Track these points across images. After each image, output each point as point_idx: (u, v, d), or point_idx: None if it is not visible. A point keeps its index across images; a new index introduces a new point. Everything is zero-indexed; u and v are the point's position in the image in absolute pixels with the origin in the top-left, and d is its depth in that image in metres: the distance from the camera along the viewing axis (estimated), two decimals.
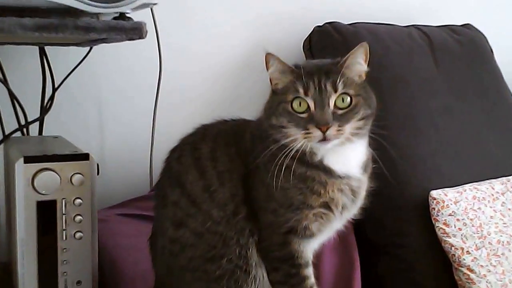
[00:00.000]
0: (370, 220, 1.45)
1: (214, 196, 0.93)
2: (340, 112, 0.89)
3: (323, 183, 0.92)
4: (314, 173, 0.92)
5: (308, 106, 0.89)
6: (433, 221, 1.40)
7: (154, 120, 1.55)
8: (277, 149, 0.90)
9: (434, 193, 1.42)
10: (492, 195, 1.49)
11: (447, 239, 1.38)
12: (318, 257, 1.35)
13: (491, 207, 1.46)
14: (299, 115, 0.90)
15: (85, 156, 1.07)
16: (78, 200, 1.06)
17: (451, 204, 1.41)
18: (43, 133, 1.46)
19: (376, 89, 0.97)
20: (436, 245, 1.40)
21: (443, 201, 1.41)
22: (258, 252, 0.94)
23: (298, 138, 0.89)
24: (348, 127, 0.90)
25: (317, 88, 0.88)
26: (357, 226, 1.48)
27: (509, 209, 1.48)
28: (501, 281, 1.36)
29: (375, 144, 1.01)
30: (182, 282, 0.95)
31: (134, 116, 1.60)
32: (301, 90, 0.89)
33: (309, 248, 0.96)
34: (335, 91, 0.89)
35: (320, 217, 0.93)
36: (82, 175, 1.05)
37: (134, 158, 1.59)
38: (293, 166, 0.90)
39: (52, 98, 1.45)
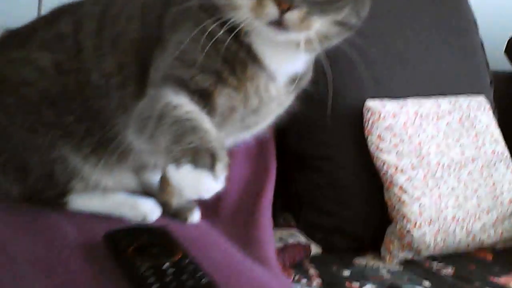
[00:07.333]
0: (295, 128, 1.26)
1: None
2: None
3: (244, 63, 0.71)
4: (240, 50, 0.71)
5: None
6: (366, 134, 1.21)
7: None
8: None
9: (370, 103, 1.23)
10: (437, 113, 1.30)
11: (380, 155, 1.19)
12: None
13: (434, 125, 1.27)
14: None
15: None
16: None
17: (389, 117, 1.22)
18: None
19: None
20: (367, 162, 1.21)
21: (380, 113, 1.21)
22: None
23: (243, 10, 0.64)
24: (319, 23, 0.66)
25: None
26: (279, 134, 1.28)
27: (454, 130, 1.29)
28: (436, 205, 1.19)
29: None
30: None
31: None
32: None
33: None
34: None
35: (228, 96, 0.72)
36: None
37: None
38: (219, 34, 0.68)
39: None
